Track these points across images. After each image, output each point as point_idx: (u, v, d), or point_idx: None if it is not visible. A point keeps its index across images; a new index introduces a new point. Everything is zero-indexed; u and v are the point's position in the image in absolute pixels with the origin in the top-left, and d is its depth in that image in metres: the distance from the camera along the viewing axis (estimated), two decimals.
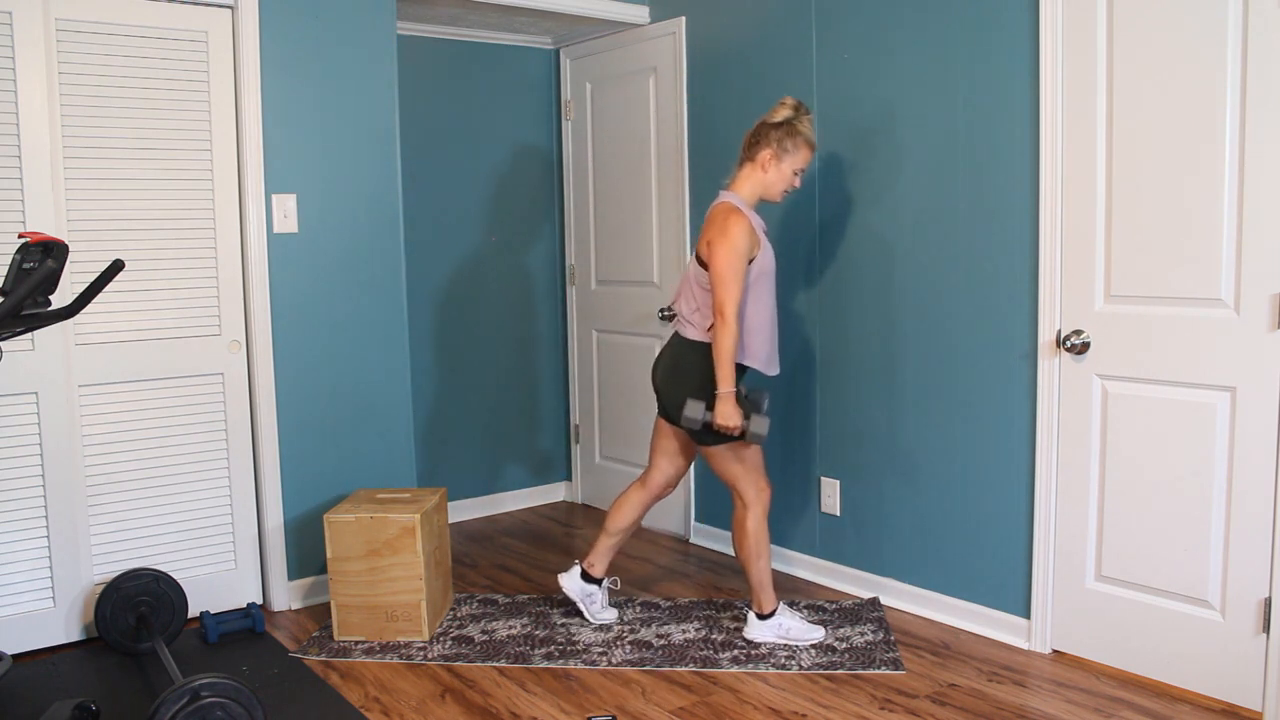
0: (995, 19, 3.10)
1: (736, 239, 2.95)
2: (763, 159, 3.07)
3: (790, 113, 3.06)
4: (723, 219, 2.99)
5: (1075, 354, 2.98)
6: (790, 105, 3.07)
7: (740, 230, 2.96)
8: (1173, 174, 2.73)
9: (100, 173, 3.23)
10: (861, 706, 2.79)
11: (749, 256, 2.99)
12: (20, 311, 2.34)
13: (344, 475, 3.70)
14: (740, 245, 2.96)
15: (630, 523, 3.38)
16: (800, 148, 3.07)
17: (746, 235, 2.97)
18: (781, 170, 3.08)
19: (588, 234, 4.81)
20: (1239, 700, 2.72)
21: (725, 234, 2.96)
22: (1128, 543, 2.91)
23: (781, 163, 3.07)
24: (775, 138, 3.05)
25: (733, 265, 2.95)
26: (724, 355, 2.96)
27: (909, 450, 3.47)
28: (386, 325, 3.75)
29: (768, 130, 3.06)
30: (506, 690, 2.93)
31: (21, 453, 3.16)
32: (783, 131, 3.05)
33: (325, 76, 3.56)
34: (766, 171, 3.08)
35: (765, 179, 3.09)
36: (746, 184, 3.11)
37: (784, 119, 3.05)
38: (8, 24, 3.03)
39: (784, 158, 3.07)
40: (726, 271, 2.94)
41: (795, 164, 3.09)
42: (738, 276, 2.95)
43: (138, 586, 3.20)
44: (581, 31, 4.62)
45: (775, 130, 3.05)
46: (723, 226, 2.98)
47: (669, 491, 3.40)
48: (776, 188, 3.11)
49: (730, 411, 2.97)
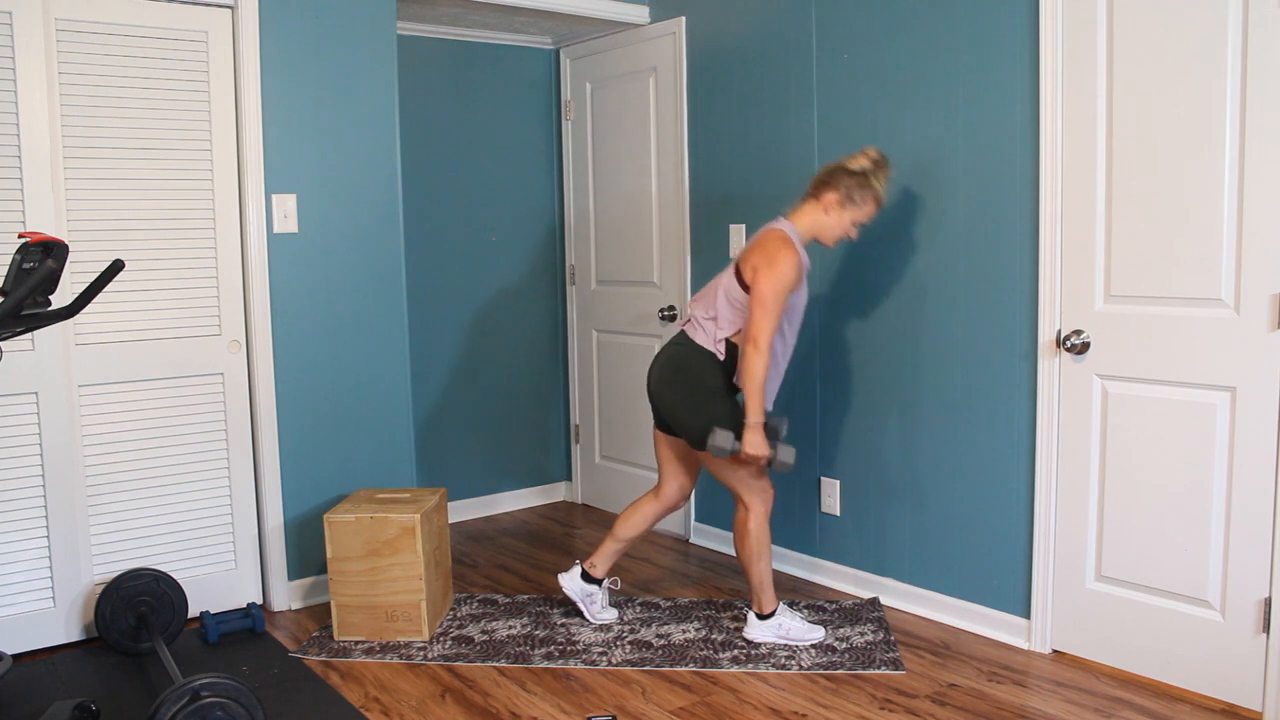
0: (995, 20, 3.10)
1: (784, 272, 2.94)
2: (827, 201, 3.05)
3: (869, 165, 3.03)
4: (775, 248, 2.97)
5: (1075, 354, 2.98)
6: (871, 158, 3.04)
7: (789, 264, 2.95)
8: (1173, 174, 2.73)
9: (100, 173, 3.23)
10: (861, 706, 2.79)
11: (791, 291, 2.98)
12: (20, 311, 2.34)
13: (344, 475, 3.70)
14: (786, 279, 2.95)
15: (639, 532, 3.39)
16: (868, 201, 3.05)
17: (794, 270, 2.96)
18: (842, 218, 3.06)
19: (588, 234, 4.81)
20: (1239, 700, 2.72)
21: (773, 264, 2.94)
22: (1128, 543, 2.92)
23: (845, 211, 3.05)
24: (846, 185, 3.02)
25: (775, 296, 2.94)
26: (754, 384, 2.95)
27: (909, 450, 3.47)
28: (386, 325, 3.75)
29: (841, 175, 3.03)
30: (506, 690, 2.93)
31: (21, 453, 3.16)
32: (856, 181, 3.02)
33: (325, 76, 3.56)
34: (828, 214, 3.06)
35: (824, 221, 3.07)
36: (805, 220, 3.08)
37: (860, 169, 3.02)
38: (8, 24, 3.03)
39: (848, 207, 3.04)
40: (768, 301, 2.93)
41: (858, 216, 3.06)
42: (777, 308, 2.95)
43: (138, 586, 3.20)
44: (581, 31, 4.62)
45: (849, 177, 3.02)
46: (772, 256, 2.95)
47: (683, 502, 3.41)
48: (833, 233, 3.09)
49: (759, 441, 2.97)
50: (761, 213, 3.90)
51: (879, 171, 3.04)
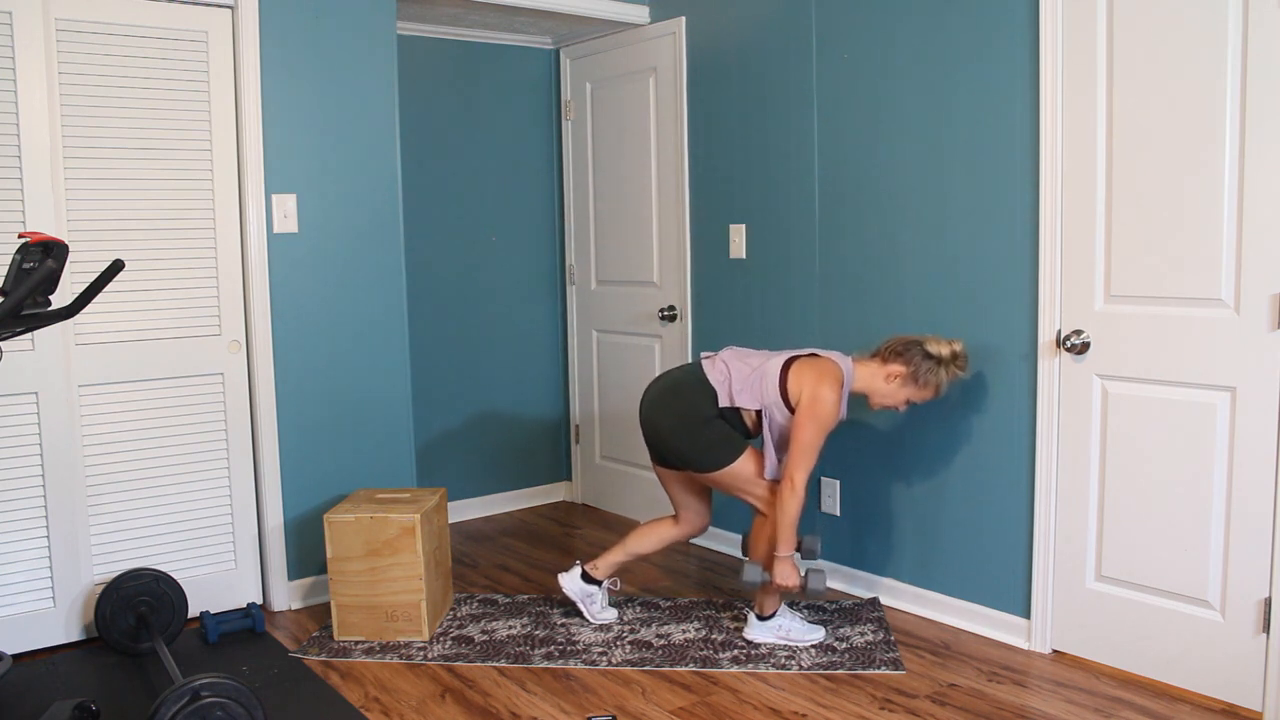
0: (995, 19, 3.10)
1: (826, 418, 2.98)
2: (892, 371, 3.06)
3: (948, 355, 3.04)
4: (828, 389, 2.98)
5: (1075, 354, 2.98)
6: (954, 350, 3.05)
7: (833, 411, 2.99)
8: (1173, 174, 2.73)
9: (100, 173, 3.23)
10: (861, 706, 2.79)
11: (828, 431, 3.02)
12: (20, 311, 2.34)
13: (344, 475, 3.70)
14: (828, 425, 2.99)
15: (652, 551, 3.41)
16: (929, 388, 3.06)
17: (834, 418, 3.00)
18: (899, 393, 3.07)
19: (588, 234, 4.81)
20: (1239, 700, 2.72)
21: (818, 407, 2.96)
22: (1128, 543, 2.91)
23: (905, 387, 3.06)
24: (917, 364, 3.03)
25: (816, 441, 2.99)
26: (788, 521, 3.00)
27: (909, 450, 3.47)
28: (386, 325, 3.75)
29: (917, 353, 3.03)
30: (506, 690, 2.93)
31: (21, 453, 3.16)
32: (929, 365, 3.03)
33: (325, 76, 3.56)
34: (887, 383, 3.07)
35: (880, 388, 3.08)
36: (864, 374, 3.09)
37: (938, 355, 3.03)
38: (8, 24, 3.03)
39: (909, 385, 3.06)
40: (808, 444, 2.98)
41: (914, 396, 3.08)
42: (816, 450, 3.00)
43: (138, 586, 3.20)
44: (581, 31, 4.62)
45: (924, 359, 3.02)
46: (820, 399, 2.97)
47: (703, 531, 3.42)
48: (883, 401, 3.10)
49: (789, 572, 3.04)
50: (761, 212, 3.91)
51: (954, 365, 3.05)
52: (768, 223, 3.89)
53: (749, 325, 4.00)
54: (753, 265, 3.95)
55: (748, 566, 3.10)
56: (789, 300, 3.82)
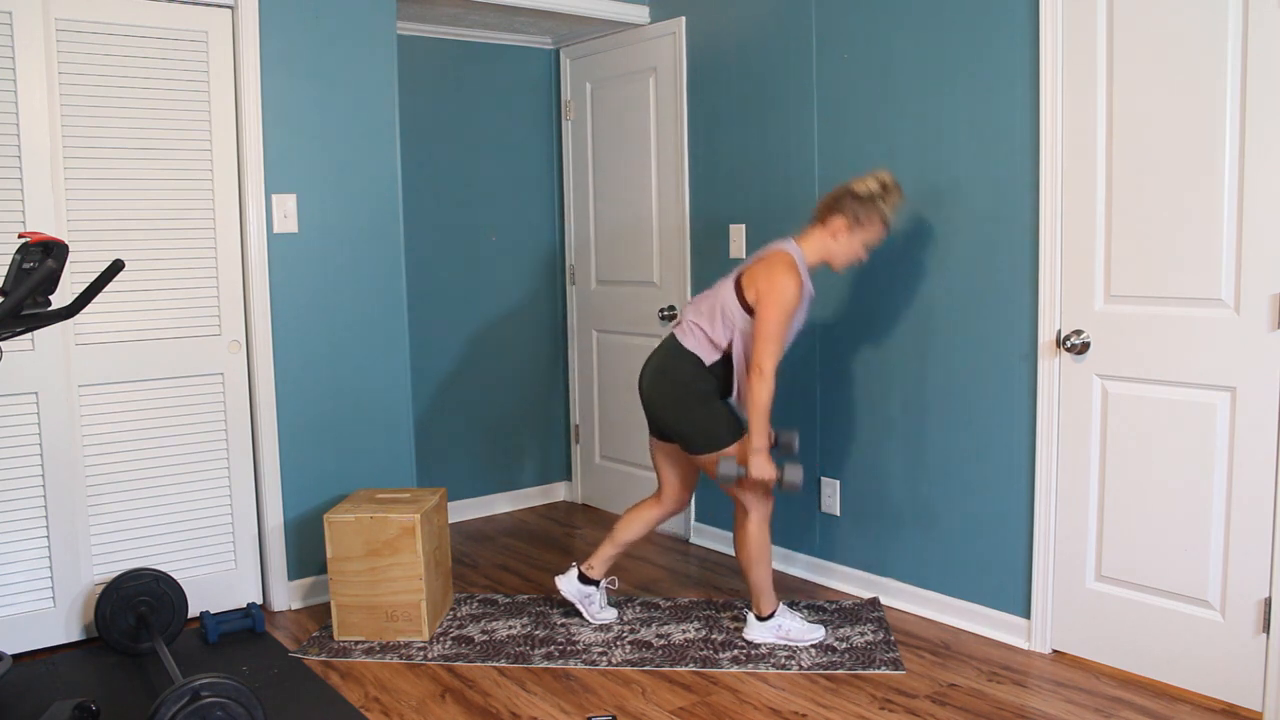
0: (995, 20, 3.10)
1: (787, 302, 2.93)
2: (835, 226, 3.03)
3: (876, 188, 3.00)
4: (782, 274, 2.95)
5: (1075, 354, 2.98)
6: (880, 181, 3.01)
7: (793, 293, 2.94)
8: (1173, 174, 2.73)
9: (100, 173, 3.23)
10: (861, 706, 2.79)
11: (793, 316, 2.98)
12: (20, 311, 2.34)
13: (344, 475, 3.70)
14: (790, 309, 2.94)
15: (638, 536, 3.39)
16: (875, 224, 3.03)
17: (797, 298, 2.95)
18: (851, 242, 3.04)
19: (588, 234, 4.81)
20: (1239, 700, 2.72)
21: (780, 292, 2.93)
22: (1128, 543, 2.92)
23: (853, 235, 3.03)
24: (854, 209, 3.00)
25: (780, 324, 2.93)
26: (760, 410, 2.95)
27: (909, 450, 3.47)
28: (386, 325, 3.75)
29: (848, 200, 3.01)
30: (506, 690, 2.93)
31: (21, 453, 3.16)
32: (863, 206, 3.00)
33: (325, 76, 3.56)
34: (836, 240, 3.04)
35: (833, 247, 3.06)
36: (813, 245, 3.07)
37: (867, 193, 3.00)
38: (8, 24, 3.03)
39: (856, 231, 3.03)
40: (772, 329, 2.93)
41: (867, 239, 3.05)
42: (781, 335, 2.95)
43: (138, 586, 3.20)
44: (581, 31, 4.62)
45: (855, 202, 3.00)
46: (780, 284, 2.93)
47: (683, 507, 3.41)
48: (841, 258, 3.08)
49: (765, 464, 2.99)
50: (761, 212, 3.91)
51: (886, 195, 3.01)
52: (768, 223, 3.89)
53: None
54: None
55: (723, 461, 3.01)
56: None
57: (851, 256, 3.07)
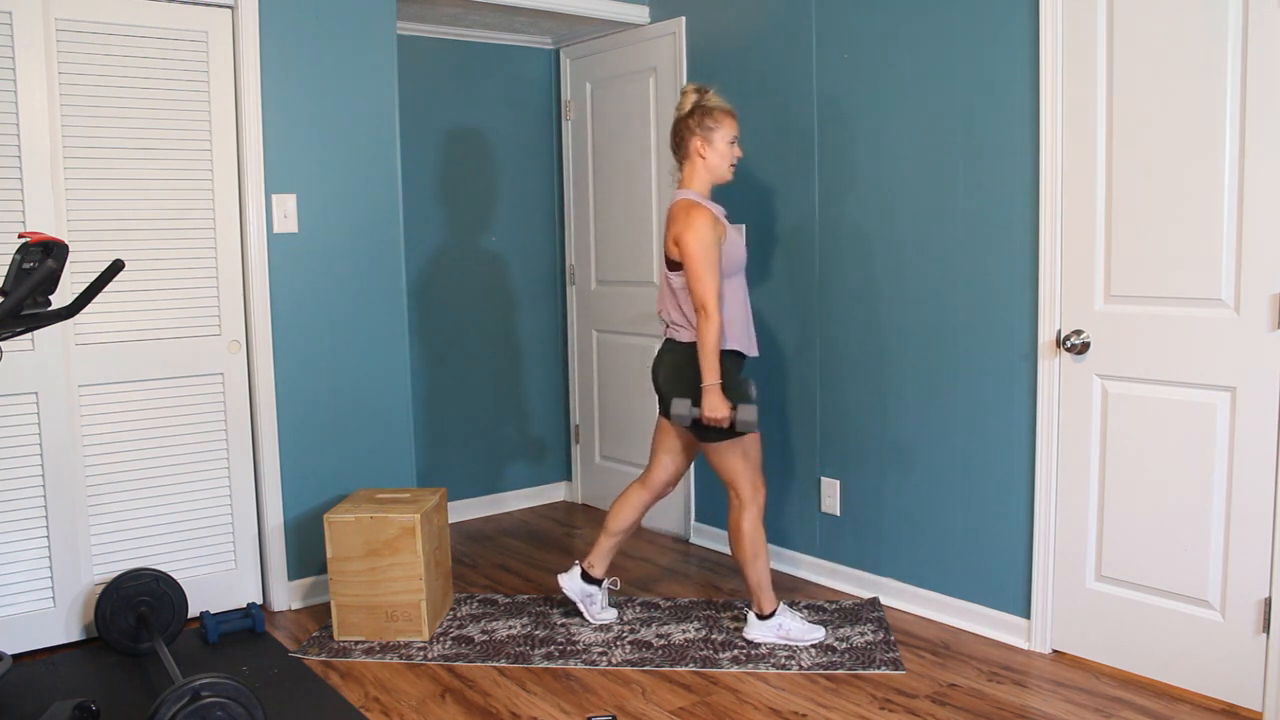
0: (995, 19, 3.10)
1: (702, 230, 2.98)
2: (695, 149, 3.11)
3: (695, 96, 3.12)
4: (684, 214, 3.03)
5: (1075, 354, 2.98)
6: (692, 90, 3.13)
7: (704, 220, 2.99)
8: (1173, 174, 2.73)
9: (100, 173, 3.23)
10: (861, 706, 2.79)
11: (719, 244, 3.02)
12: (20, 311, 2.34)
13: (344, 475, 3.70)
14: (707, 235, 2.98)
15: (631, 523, 3.38)
16: (721, 120, 3.10)
17: (711, 224, 3.01)
18: (717, 149, 3.11)
19: (588, 234, 4.81)
20: (1239, 700, 2.72)
21: (690, 226, 2.99)
22: (1128, 543, 2.91)
23: (714, 142, 3.10)
24: (695, 123, 3.09)
25: (706, 256, 2.97)
26: (708, 347, 2.97)
27: (909, 450, 3.47)
28: (386, 325, 3.75)
29: (685, 121, 3.12)
30: (506, 690, 2.93)
31: (21, 453, 3.16)
32: (699, 114, 3.09)
33: (325, 76, 3.56)
34: (705, 157, 3.12)
35: (708, 164, 3.13)
36: (694, 178, 3.14)
37: (693, 105, 3.11)
38: (8, 24, 3.03)
39: (712, 136, 3.10)
40: (701, 263, 2.97)
41: (725, 136, 3.11)
42: (712, 267, 2.98)
43: (138, 586, 3.20)
44: (581, 31, 4.62)
45: (690, 119, 3.10)
46: (686, 221, 3.01)
47: (670, 490, 3.40)
48: (721, 167, 3.14)
49: (717, 403, 2.97)
50: (761, 212, 3.91)
51: (705, 94, 3.12)
52: (768, 222, 3.89)
53: None
54: (752, 265, 3.95)
55: (676, 402, 3.00)
56: (789, 300, 3.82)
57: (728, 159, 3.14)
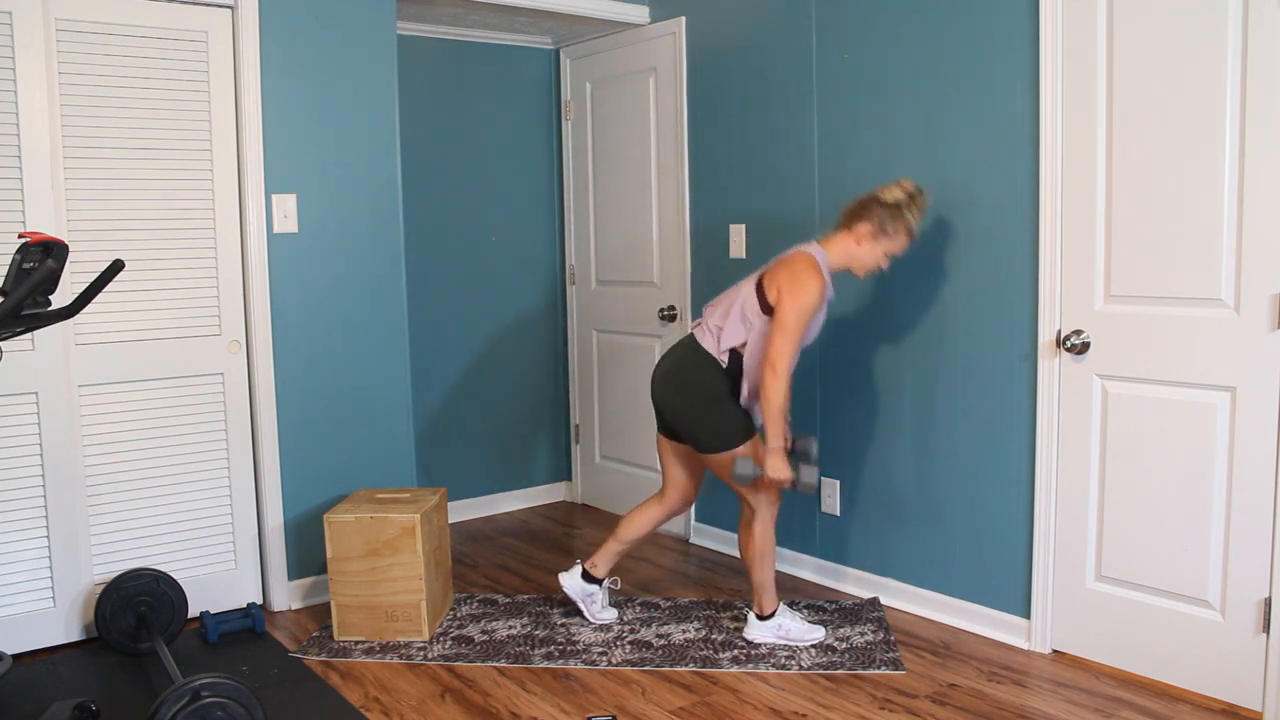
0: (995, 20, 3.10)
1: (808, 300, 2.93)
2: (860, 233, 3.03)
3: (903, 197, 3.00)
4: (804, 273, 2.95)
5: (1075, 354, 2.98)
6: (906, 190, 3.01)
7: (815, 293, 2.94)
8: (1173, 174, 2.73)
9: (100, 173, 3.23)
10: (861, 706, 2.79)
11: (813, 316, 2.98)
12: (20, 311, 2.34)
13: (344, 475, 3.70)
14: (810, 307, 2.94)
15: (641, 535, 3.39)
16: (900, 234, 3.02)
17: (818, 298, 2.96)
18: (875, 250, 3.04)
19: (588, 234, 4.81)
20: (1239, 700, 2.72)
21: (798, 290, 2.93)
22: (1128, 543, 2.91)
23: (877, 243, 3.03)
24: (880, 217, 3.00)
25: (798, 323, 2.93)
26: (774, 408, 2.94)
27: (909, 450, 3.47)
28: (387, 325, 3.75)
29: (875, 207, 3.01)
30: (506, 690, 2.93)
31: (21, 453, 3.16)
32: (889, 213, 3.00)
33: (325, 76, 3.56)
34: (860, 246, 3.04)
35: (856, 253, 3.05)
36: (837, 249, 3.06)
37: (894, 201, 3.00)
38: (8, 24, 3.03)
39: (881, 239, 3.02)
40: (790, 327, 2.92)
41: (890, 248, 3.04)
42: (799, 334, 2.94)
43: (138, 586, 3.20)
44: (581, 31, 4.62)
45: (882, 209, 3.00)
46: (801, 282, 2.93)
47: (687, 508, 3.41)
48: (864, 265, 3.07)
49: (781, 465, 2.97)
50: (761, 212, 3.91)
51: (913, 204, 3.01)
52: (768, 223, 3.89)
53: None
54: (753, 265, 3.95)
55: (740, 460, 2.99)
56: None
57: (874, 264, 3.07)
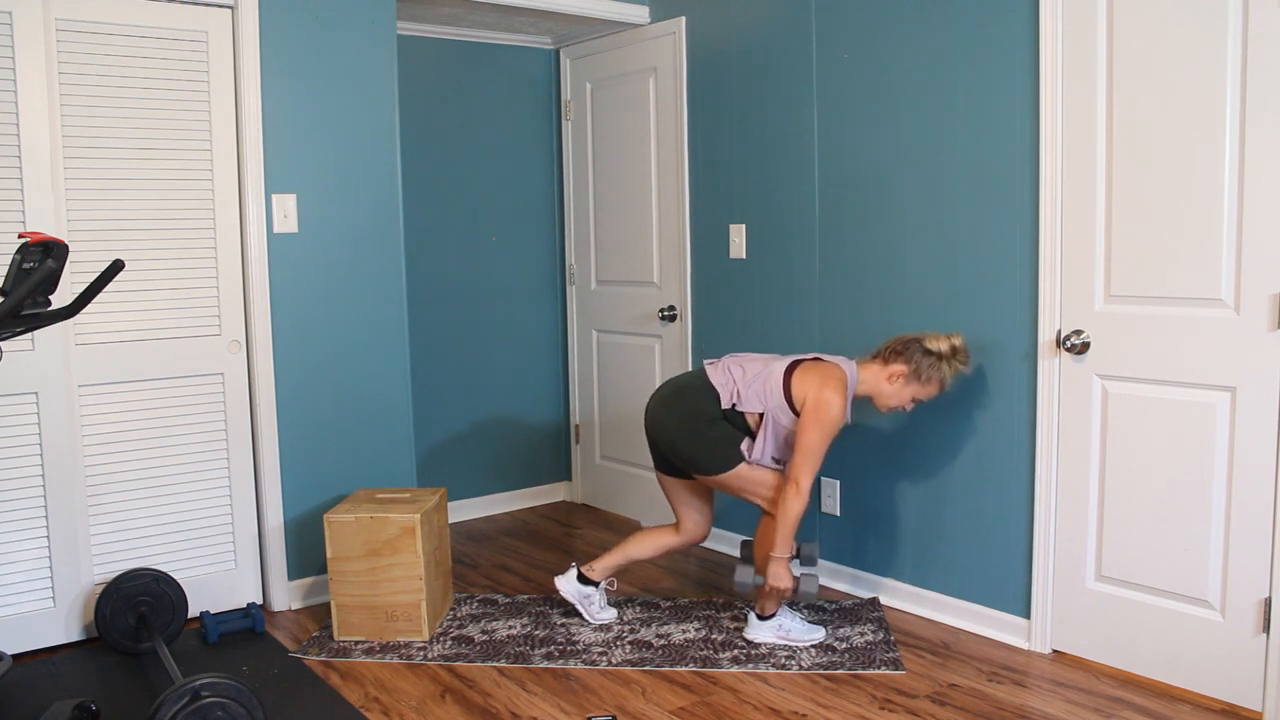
0: (995, 20, 3.10)
1: (831, 422, 2.97)
2: (895, 370, 3.05)
3: (947, 350, 3.03)
4: (832, 392, 2.97)
5: (1075, 354, 2.98)
6: (953, 344, 3.04)
7: (838, 414, 2.98)
8: (1173, 174, 2.73)
9: (100, 173, 3.23)
10: (861, 706, 2.79)
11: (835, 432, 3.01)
12: (20, 311, 2.34)
13: (344, 475, 3.70)
14: (832, 429, 2.98)
15: (649, 557, 3.40)
16: (932, 384, 3.05)
17: (839, 422, 2.99)
18: (904, 392, 3.06)
19: (588, 234, 4.81)
20: (1239, 700, 2.72)
21: (823, 410, 2.96)
22: (1128, 543, 2.91)
23: (908, 386, 3.06)
24: (918, 362, 3.02)
25: (821, 444, 2.98)
26: (789, 523, 3.00)
27: (909, 450, 3.47)
28: (387, 325, 3.75)
29: (917, 351, 3.03)
30: (506, 690, 2.93)
31: (21, 453, 3.16)
32: (929, 362, 3.02)
33: (325, 76, 3.56)
34: (890, 384, 3.07)
35: (885, 389, 3.08)
36: (869, 378, 3.08)
37: (938, 351, 3.02)
38: (8, 24, 3.03)
39: (913, 383, 3.05)
40: (813, 447, 2.97)
41: (919, 393, 3.07)
42: (821, 453, 3.00)
43: (138, 586, 3.20)
44: (581, 31, 4.62)
45: (924, 356, 3.02)
46: (825, 402, 2.96)
47: (703, 538, 3.40)
48: (889, 402, 3.09)
49: (783, 574, 3.05)
50: (761, 213, 3.90)
51: (954, 360, 3.04)
52: (768, 223, 3.89)
53: (749, 325, 4.00)
54: (753, 265, 3.95)
55: (740, 568, 3.11)
56: (789, 300, 3.82)
57: (899, 403, 3.09)
